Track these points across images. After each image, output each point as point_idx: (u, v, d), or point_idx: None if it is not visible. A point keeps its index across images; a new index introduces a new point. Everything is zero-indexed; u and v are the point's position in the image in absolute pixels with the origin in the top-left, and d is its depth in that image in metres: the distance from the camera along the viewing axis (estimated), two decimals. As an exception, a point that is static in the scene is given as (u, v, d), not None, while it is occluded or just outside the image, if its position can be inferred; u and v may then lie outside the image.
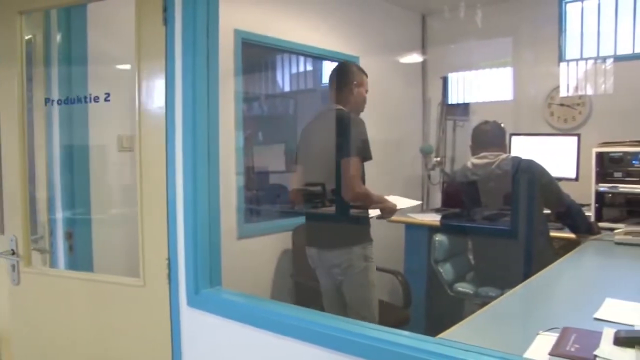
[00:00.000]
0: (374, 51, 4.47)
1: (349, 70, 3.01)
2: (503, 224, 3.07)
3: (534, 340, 1.48)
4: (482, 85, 4.69)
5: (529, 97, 4.49)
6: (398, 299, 3.60)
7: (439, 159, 4.60)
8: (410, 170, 4.93)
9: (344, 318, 1.73)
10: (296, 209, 3.51)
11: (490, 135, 3.14)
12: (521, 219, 2.95)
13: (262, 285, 3.74)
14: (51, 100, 2.74)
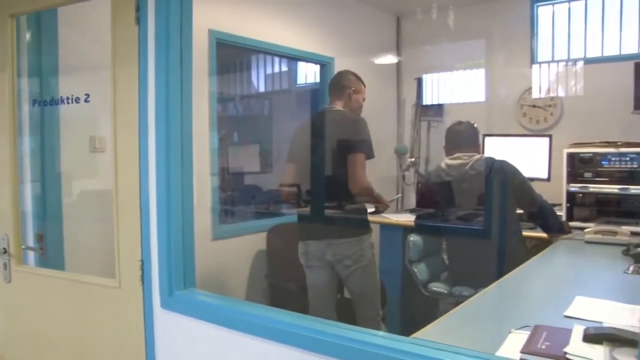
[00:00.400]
0: (349, 52, 4.48)
1: (347, 78, 3.17)
2: (477, 224, 3.10)
3: (506, 339, 1.50)
4: (456, 86, 4.73)
5: (501, 99, 4.55)
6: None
7: (413, 160, 4.63)
8: (385, 170, 4.95)
9: (317, 318, 1.73)
10: (271, 209, 3.49)
11: (464, 136, 3.17)
12: (494, 219, 2.99)
13: (237, 286, 3.72)
14: (39, 101, 2.75)
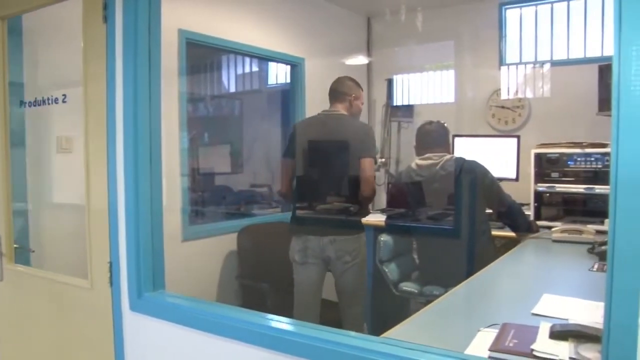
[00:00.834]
0: (320, 53, 4.48)
1: (347, 85, 3.29)
2: (447, 224, 3.13)
3: (475, 337, 1.52)
4: (426, 87, 4.77)
5: (470, 99, 4.60)
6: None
7: (383, 160, 4.65)
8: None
9: (288, 319, 1.72)
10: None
11: (435, 136, 3.20)
12: (464, 218, 3.03)
13: (208, 287, 3.69)
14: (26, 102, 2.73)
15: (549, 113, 4.19)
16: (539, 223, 3.46)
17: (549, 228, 3.28)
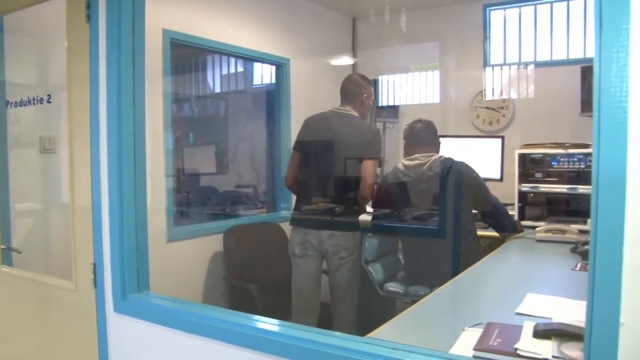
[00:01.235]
0: (305, 53, 4.48)
1: (359, 84, 3.32)
2: (433, 224, 3.14)
3: (459, 337, 1.52)
4: (411, 88, 4.79)
5: (455, 100, 4.62)
6: (328, 297, 3.62)
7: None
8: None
9: (273, 320, 1.72)
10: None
11: (424, 134, 3.20)
12: (450, 219, 3.03)
13: (194, 289, 3.68)
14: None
15: (533, 114, 4.23)
16: (523, 223, 3.49)
17: (533, 228, 3.31)
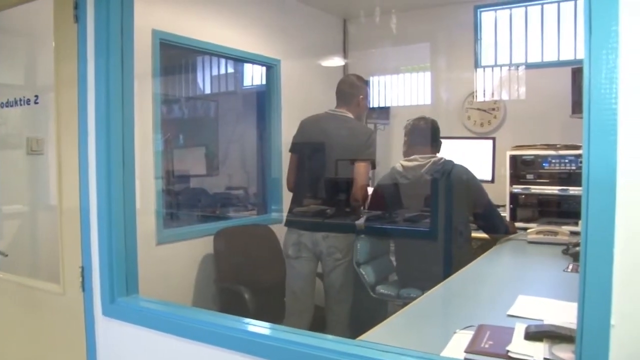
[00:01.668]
0: (296, 54, 4.48)
1: (356, 86, 3.31)
2: (426, 226, 3.11)
3: (451, 339, 1.53)
4: (402, 89, 4.80)
5: (447, 101, 4.63)
6: (322, 300, 3.62)
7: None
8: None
9: (264, 323, 1.72)
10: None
11: (426, 133, 3.15)
12: (448, 222, 3.00)
13: (184, 292, 3.66)
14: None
15: (524, 115, 4.25)
16: (515, 224, 3.49)
17: (525, 229, 3.32)
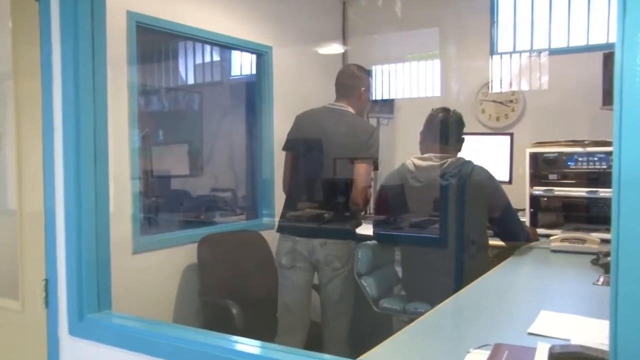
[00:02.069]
0: (290, 41, 4.46)
1: (357, 77, 3.31)
2: (440, 233, 3.06)
3: (464, 359, 1.51)
4: (408, 79, 4.78)
5: (458, 93, 4.61)
6: (318, 315, 3.60)
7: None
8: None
9: (255, 341, 1.70)
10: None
11: (450, 128, 3.08)
12: (464, 228, 2.95)
13: (164, 306, 3.64)
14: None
15: (546, 108, 4.23)
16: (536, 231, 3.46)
17: (547, 236, 3.29)
